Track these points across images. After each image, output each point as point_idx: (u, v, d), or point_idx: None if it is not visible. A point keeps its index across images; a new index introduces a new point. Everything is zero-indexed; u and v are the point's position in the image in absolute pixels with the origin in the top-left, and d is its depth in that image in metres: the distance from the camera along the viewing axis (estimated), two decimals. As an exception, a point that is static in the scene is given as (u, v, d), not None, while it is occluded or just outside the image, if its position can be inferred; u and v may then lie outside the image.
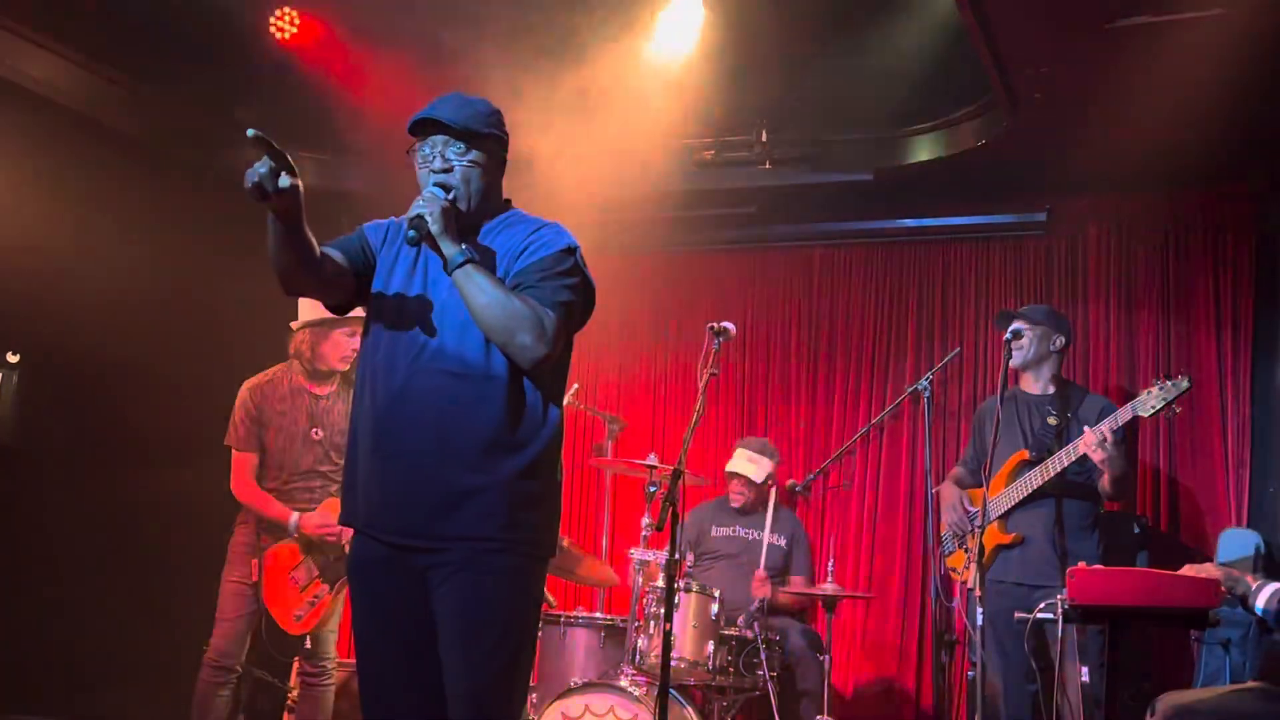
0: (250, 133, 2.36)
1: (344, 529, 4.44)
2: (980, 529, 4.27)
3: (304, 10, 5.43)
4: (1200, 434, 5.49)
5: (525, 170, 5.67)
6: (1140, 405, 4.38)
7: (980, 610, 4.20)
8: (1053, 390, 4.81)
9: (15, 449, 5.54)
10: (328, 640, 4.77)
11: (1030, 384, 4.87)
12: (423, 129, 2.78)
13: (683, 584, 4.63)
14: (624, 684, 4.46)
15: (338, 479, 4.62)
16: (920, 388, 5.45)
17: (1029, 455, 4.67)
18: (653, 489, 4.82)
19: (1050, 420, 4.71)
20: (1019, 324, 4.75)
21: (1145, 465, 5.53)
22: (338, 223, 5.48)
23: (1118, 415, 4.42)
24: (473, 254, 2.65)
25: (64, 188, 5.52)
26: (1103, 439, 4.33)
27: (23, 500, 5.50)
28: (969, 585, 4.31)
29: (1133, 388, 5.49)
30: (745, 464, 5.60)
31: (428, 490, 2.63)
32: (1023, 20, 4.32)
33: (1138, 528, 5.25)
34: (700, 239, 6.65)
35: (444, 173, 2.75)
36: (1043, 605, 3.76)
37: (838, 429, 6.25)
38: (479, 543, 2.62)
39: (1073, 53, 4.51)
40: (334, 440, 4.70)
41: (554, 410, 2.74)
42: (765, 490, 5.68)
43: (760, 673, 4.72)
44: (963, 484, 4.97)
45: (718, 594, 4.71)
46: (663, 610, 3.75)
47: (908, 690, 5.86)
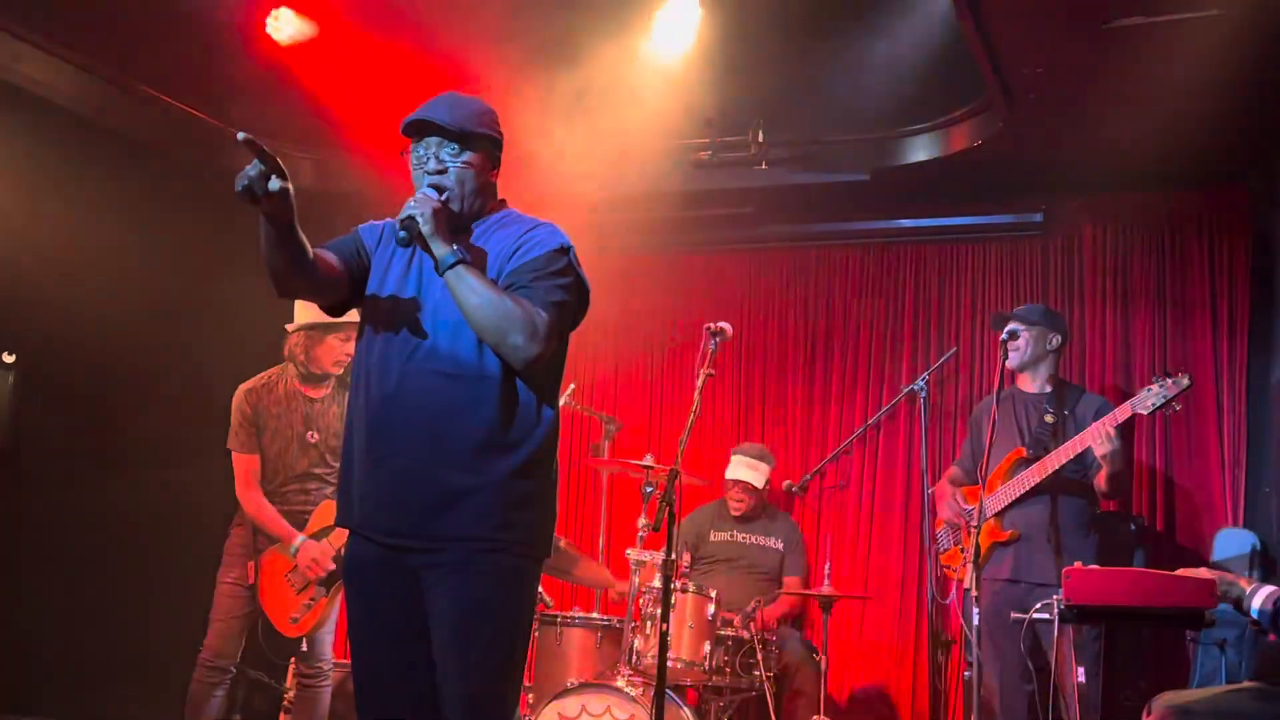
0: (240, 136, 2.37)
1: (326, 558, 4.49)
2: (976, 528, 4.26)
3: (300, 10, 5.42)
4: (1196, 434, 5.48)
5: (521, 170, 5.68)
6: (1139, 403, 4.38)
7: (976, 610, 4.20)
8: (1050, 389, 4.82)
9: (11, 449, 5.53)
10: (324, 641, 4.77)
11: (1027, 383, 4.88)
12: (417, 130, 2.78)
13: (679, 584, 4.64)
14: (620, 684, 4.46)
15: (333, 481, 4.62)
16: (917, 388, 5.46)
17: (1026, 453, 4.68)
18: (649, 489, 4.82)
19: (1047, 418, 4.72)
20: (1015, 325, 4.75)
21: (1141, 465, 5.53)
22: (333, 224, 5.49)
23: (1117, 413, 4.43)
24: (464, 254, 2.65)
25: (60, 188, 5.50)
26: (1107, 434, 4.34)
27: (19, 501, 5.49)
28: (965, 585, 4.31)
29: (1129, 387, 5.49)
30: (745, 470, 5.60)
31: (421, 491, 2.64)
32: (1018, 20, 4.32)
33: (1134, 527, 5.25)
34: (697, 239, 6.64)
35: (438, 174, 2.75)
36: (1039, 605, 3.76)
37: (834, 429, 6.24)
38: (473, 543, 2.62)
39: (1069, 53, 4.51)
40: (329, 443, 4.70)
41: (548, 410, 2.74)
42: (765, 495, 5.69)
43: (756, 673, 4.72)
44: (959, 483, 4.97)
45: (714, 594, 4.71)
46: (659, 611, 3.74)
47: (904, 691, 5.85)
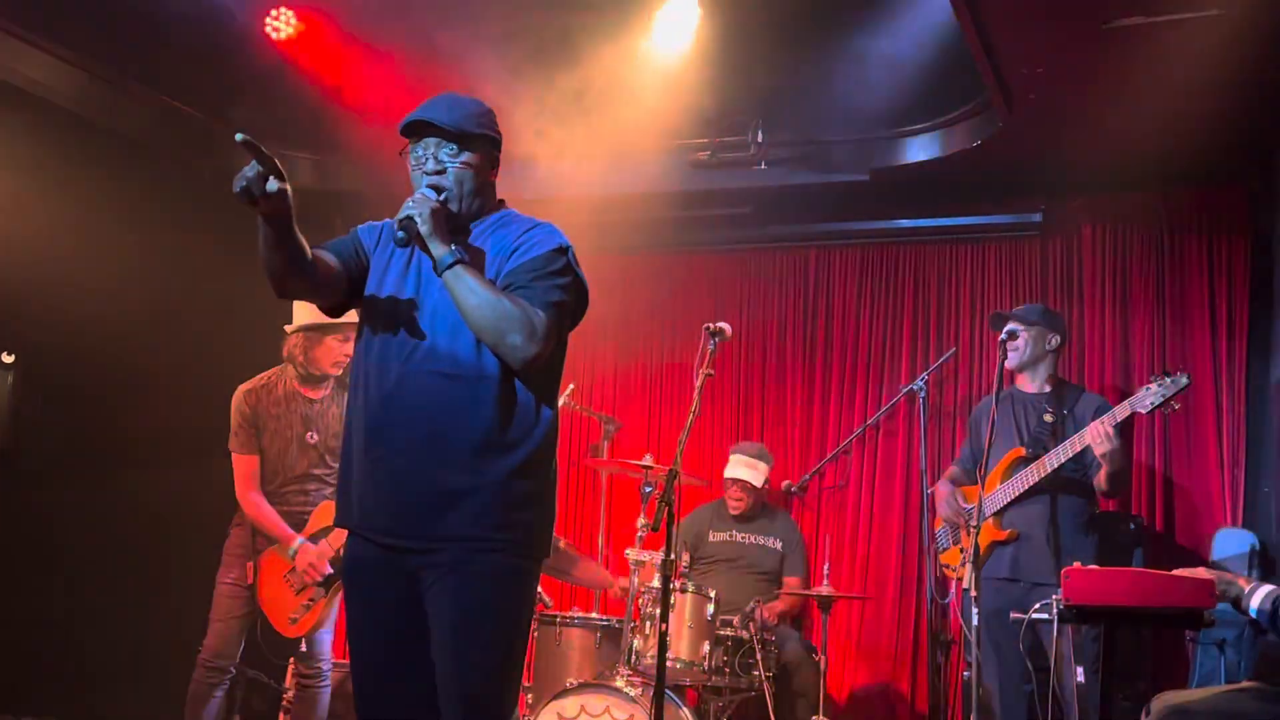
0: (239, 137, 2.37)
1: (324, 562, 4.49)
2: (975, 528, 4.26)
3: (299, 10, 5.42)
4: (1195, 434, 5.49)
5: (521, 170, 5.69)
6: (1138, 401, 4.38)
7: (976, 610, 4.20)
8: (1049, 389, 4.82)
9: (10, 450, 5.52)
10: (323, 642, 4.77)
11: (1026, 383, 4.88)
12: (415, 130, 2.77)
13: (679, 584, 4.64)
14: (620, 684, 4.46)
15: (333, 482, 4.62)
16: (916, 388, 5.47)
17: (1024, 452, 4.68)
18: (648, 490, 4.82)
19: (1046, 418, 4.72)
20: (1013, 325, 4.75)
21: (1140, 465, 5.53)
22: (332, 224, 5.52)
23: (1116, 411, 4.44)
24: (462, 255, 2.65)
25: (58, 188, 5.49)
26: (1106, 434, 4.34)
27: (18, 501, 5.49)
28: (965, 585, 4.30)
29: (1128, 387, 5.50)
30: (744, 469, 5.59)
31: (419, 491, 2.63)
32: (1018, 20, 4.32)
33: (1133, 527, 5.25)
34: (696, 239, 6.64)
35: (437, 174, 2.75)
36: (1038, 605, 3.75)
37: (833, 429, 6.24)
38: (471, 543, 2.62)
39: (1068, 53, 4.51)
40: (329, 444, 4.70)
41: (547, 410, 2.74)
42: (764, 494, 5.68)
43: (756, 673, 4.72)
44: (958, 483, 4.97)
45: (713, 594, 4.71)
46: (658, 611, 3.74)
47: (903, 691, 5.85)
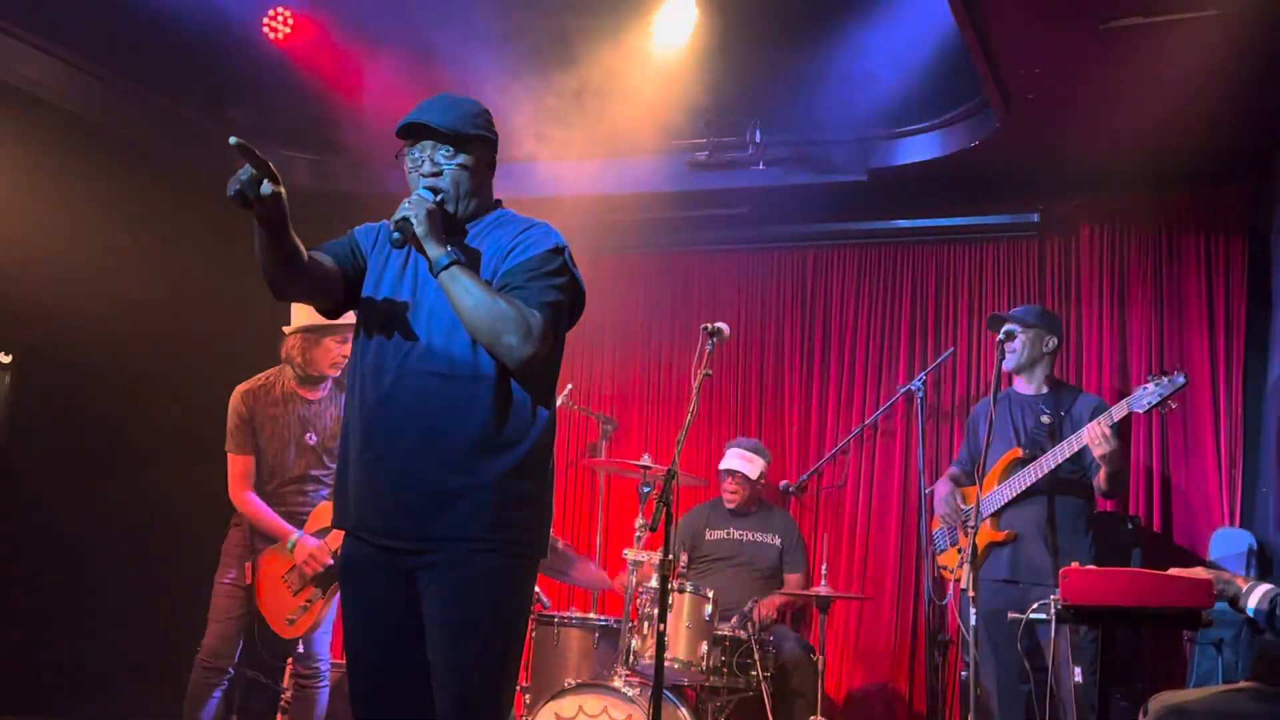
0: (232, 141, 2.36)
1: (324, 553, 4.49)
2: (973, 528, 4.26)
3: (297, 11, 5.43)
4: (1193, 434, 5.49)
5: (518, 171, 5.69)
6: (1135, 401, 4.39)
7: (973, 610, 4.20)
8: (1046, 390, 4.83)
9: (8, 450, 5.53)
10: (321, 642, 4.76)
11: (1024, 384, 4.88)
12: (411, 133, 2.77)
13: (677, 585, 4.64)
14: (618, 684, 4.46)
15: (331, 483, 4.61)
16: (914, 388, 5.47)
17: (1022, 453, 4.68)
18: (646, 490, 4.82)
19: (1044, 419, 4.72)
20: (1011, 326, 4.75)
21: (1138, 465, 5.54)
22: (329, 225, 5.51)
23: (1113, 412, 4.44)
24: (458, 255, 2.64)
25: (56, 189, 5.50)
26: (1104, 435, 4.35)
27: (16, 501, 5.49)
28: (962, 585, 4.31)
29: (1125, 387, 5.50)
30: (739, 461, 5.59)
31: (416, 491, 2.63)
32: (1016, 20, 4.32)
33: (1130, 527, 5.26)
34: (694, 240, 6.65)
35: (433, 176, 2.75)
36: (1036, 605, 3.76)
37: (831, 429, 6.25)
38: (467, 543, 2.62)
39: (1066, 53, 4.51)
40: (327, 445, 4.70)
41: (544, 410, 2.73)
42: (759, 488, 5.68)
43: (754, 673, 4.72)
44: (958, 483, 4.98)
45: (711, 594, 4.71)
46: (656, 611, 3.74)
47: (900, 691, 5.86)
